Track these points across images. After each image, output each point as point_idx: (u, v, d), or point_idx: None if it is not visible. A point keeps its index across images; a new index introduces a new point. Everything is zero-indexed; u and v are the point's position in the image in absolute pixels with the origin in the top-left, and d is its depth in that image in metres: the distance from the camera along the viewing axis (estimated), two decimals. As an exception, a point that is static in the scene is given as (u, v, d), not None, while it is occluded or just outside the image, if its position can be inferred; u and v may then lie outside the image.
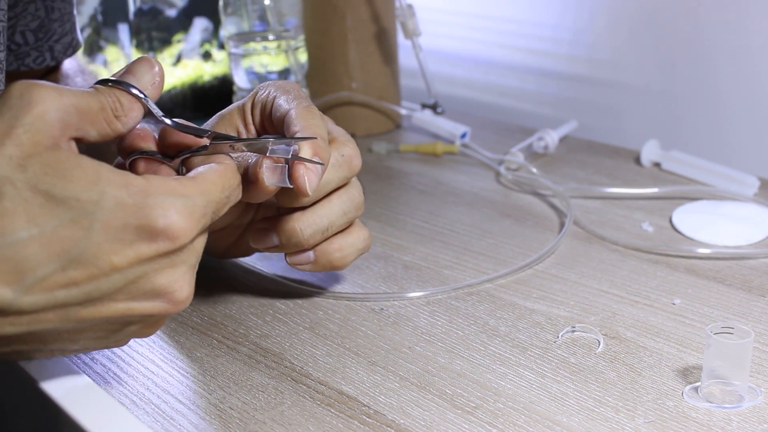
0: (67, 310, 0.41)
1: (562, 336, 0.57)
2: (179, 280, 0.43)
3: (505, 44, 1.15)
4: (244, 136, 0.57)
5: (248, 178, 0.51)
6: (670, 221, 0.74)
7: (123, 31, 1.01)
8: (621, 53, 1.01)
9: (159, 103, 1.05)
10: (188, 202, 0.42)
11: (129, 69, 0.47)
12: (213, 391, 0.52)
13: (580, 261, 0.67)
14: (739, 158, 0.93)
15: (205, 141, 0.49)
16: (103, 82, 0.45)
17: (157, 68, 0.47)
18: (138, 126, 0.48)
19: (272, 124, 0.56)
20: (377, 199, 0.82)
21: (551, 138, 0.92)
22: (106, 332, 0.45)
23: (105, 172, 0.41)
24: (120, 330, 0.45)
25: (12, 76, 0.73)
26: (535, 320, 0.59)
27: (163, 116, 0.47)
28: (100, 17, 1.01)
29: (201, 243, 0.45)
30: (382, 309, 0.61)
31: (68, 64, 0.79)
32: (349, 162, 0.57)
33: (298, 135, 0.52)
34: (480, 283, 0.64)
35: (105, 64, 1.01)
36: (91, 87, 0.45)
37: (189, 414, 0.50)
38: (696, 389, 0.50)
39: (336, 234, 0.59)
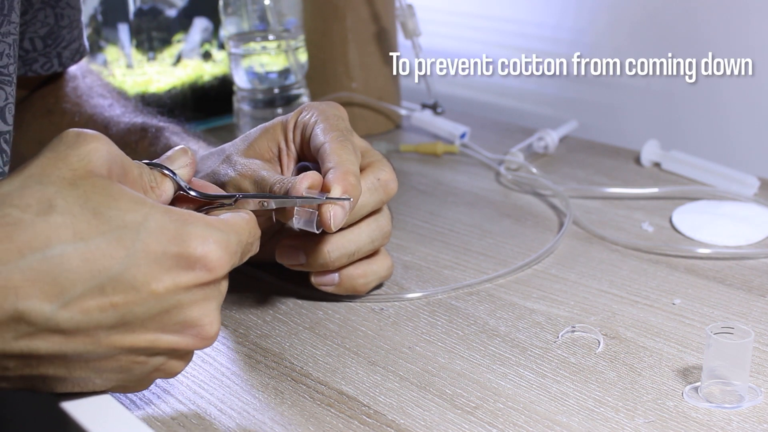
0: (98, 333, 0.41)
1: (562, 336, 0.57)
2: (210, 315, 0.44)
3: (505, 44, 1.15)
4: (284, 153, 0.59)
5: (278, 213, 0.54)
6: (670, 221, 0.74)
7: (123, 31, 1.01)
8: (621, 53, 1.01)
9: (159, 103, 1.05)
10: (224, 236, 0.43)
11: (168, 156, 0.50)
12: (213, 391, 0.52)
13: (581, 261, 0.67)
14: (739, 158, 0.93)
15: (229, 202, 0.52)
16: (146, 162, 0.49)
17: (189, 155, 0.50)
18: None
19: (310, 149, 0.58)
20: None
21: (551, 138, 0.92)
22: (130, 363, 0.44)
23: (149, 199, 0.43)
24: (145, 363, 0.44)
25: (18, 81, 0.73)
26: (535, 320, 0.59)
27: (189, 189, 0.50)
28: (100, 17, 1.01)
29: (226, 283, 0.46)
30: (382, 309, 0.61)
31: (76, 66, 0.79)
32: (385, 186, 0.59)
33: (331, 170, 0.54)
34: (480, 283, 0.64)
35: (105, 64, 1.01)
36: (138, 162, 0.48)
37: (189, 414, 0.50)
38: (696, 389, 0.50)
39: (361, 259, 0.60)
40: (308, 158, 0.60)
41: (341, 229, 0.57)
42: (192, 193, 0.50)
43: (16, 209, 0.40)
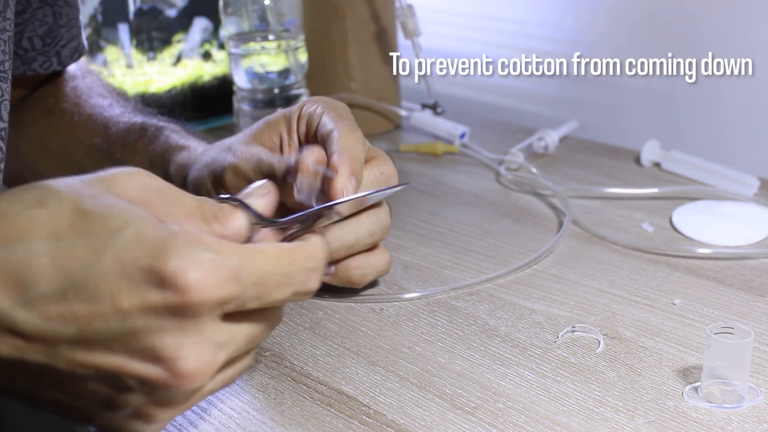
0: (59, 344, 0.37)
1: (562, 336, 0.57)
2: (186, 348, 0.36)
3: (505, 44, 1.15)
4: (286, 143, 0.59)
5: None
6: (670, 221, 0.74)
7: (123, 31, 1.01)
8: (621, 53, 1.01)
9: (159, 103, 1.05)
10: (216, 259, 0.36)
11: (247, 190, 0.45)
12: (213, 391, 0.52)
13: (581, 261, 0.67)
14: (739, 158, 0.93)
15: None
16: (219, 198, 0.43)
17: (268, 187, 0.45)
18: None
19: (316, 138, 0.58)
20: (377, 199, 0.82)
21: (551, 138, 0.92)
22: (106, 394, 0.39)
23: (143, 210, 0.38)
24: (118, 397, 0.39)
25: (17, 81, 0.73)
26: (535, 320, 0.59)
27: (264, 219, 0.43)
28: (100, 17, 1.01)
29: (238, 324, 0.39)
30: (382, 309, 0.61)
31: (75, 66, 0.79)
32: (387, 180, 0.59)
33: (336, 153, 0.54)
34: (480, 283, 0.64)
35: (105, 64, 1.01)
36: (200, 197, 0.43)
37: (189, 414, 0.50)
38: (696, 389, 0.50)
39: (360, 252, 0.60)
40: None
41: (341, 220, 0.57)
42: (260, 227, 0.43)
43: (8, 202, 0.38)
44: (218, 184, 0.59)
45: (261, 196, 0.44)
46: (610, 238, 0.70)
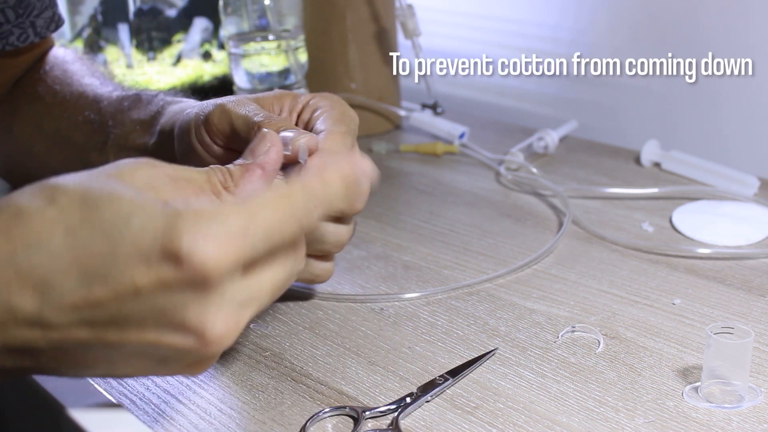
0: (95, 329, 0.39)
1: (562, 336, 0.57)
2: (210, 316, 0.39)
3: (505, 44, 1.15)
4: (284, 115, 0.58)
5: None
6: (670, 221, 0.74)
7: (123, 31, 1.01)
8: (621, 53, 1.01)
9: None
10: (222, 227, 0.38)
11: (247, 148, 0.46)
12: (213, 391, 0.52)
13: (581, 261, 0.67)
14: (739, 158, 0.93)
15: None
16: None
17: (268, 138, 0.47)
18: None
19: (311, 129, 0.56)
20: (377, 199, 0.81)
21: (551, 138, 0.92)
22: (152, 362, 0.42)
23: (149, 195, 0.39)
24: (163, 363, 0.42)
25: (1, 61, 0.73)
26: (535, 320, 0.59)
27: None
28: (100, 17, 1.01)
29: (258, 278, 0.40)
30: (382, 309, 0.61)
31: (64, 52, 0.78)
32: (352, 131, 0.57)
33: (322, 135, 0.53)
34: (480, 282, 0.64)
35: (105, 64, 1.01)
36: (208, 167, 0.45)
37: (189, 414, 0.50)
38: (696, 389, 0.50)
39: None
40: None
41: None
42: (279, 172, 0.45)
43: (21, 204, 0.39)
44: (205, 124, 0.57)
45: (264, 152, 0.46)
46: (610, 238, 0.70)
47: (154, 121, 0.66)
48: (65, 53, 0.79)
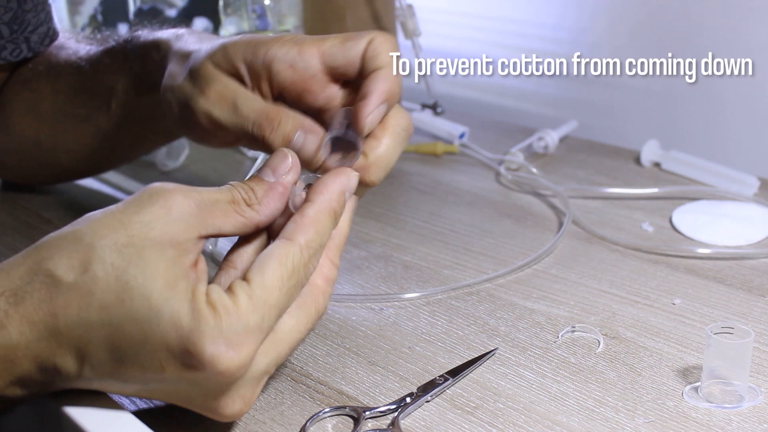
0: (126, 385, 0.44)
1: (562, 336, 0.57)
2: (230, 399, 0.44)
3: (505, 44, 1.15)
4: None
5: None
6: (670, 221, 0.74)
7: (123, 31, 1.01)
8: (621, 53, 1.01)
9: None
10: (241, 328, 0.41)
11: (266, 163, 0.47)
12: (213, 391, 0.52)
13: (581, 261, 0.67)
14: (739, 158, 0.93)
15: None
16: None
17: (290, 157, 0.47)
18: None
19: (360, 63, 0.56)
20: (377, 199, 0.81)
21: (551, 138, 0.92)
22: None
23: (182, 281, 0.42)
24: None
25: None
26: (535, 320, 0.59)
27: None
28: (100, 17, 1.01)
29: (267, 355, 0.44)
30: (382, 309, 0.61)
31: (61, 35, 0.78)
32: (407, 133, 0.58)
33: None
34: (479, 282, 0.64)
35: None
36: (228, 184, 0.46)
37: (189, 414, 0.50)
38: (696, 389, 0.50)
39: None
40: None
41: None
42: (301, 194, 0.47)
43: (59, 268, 0.42)
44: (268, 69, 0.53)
45: (287, 171, 0.47)
46: (610, 238, 0.70)
47: (142, 53, 0.64)
48: (62, 36, 0.78)
